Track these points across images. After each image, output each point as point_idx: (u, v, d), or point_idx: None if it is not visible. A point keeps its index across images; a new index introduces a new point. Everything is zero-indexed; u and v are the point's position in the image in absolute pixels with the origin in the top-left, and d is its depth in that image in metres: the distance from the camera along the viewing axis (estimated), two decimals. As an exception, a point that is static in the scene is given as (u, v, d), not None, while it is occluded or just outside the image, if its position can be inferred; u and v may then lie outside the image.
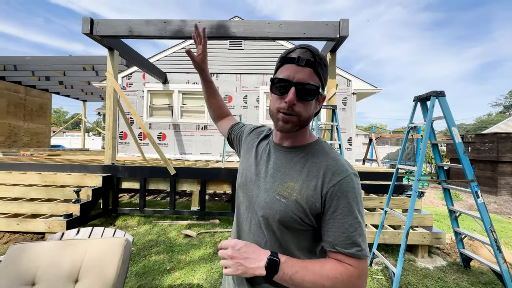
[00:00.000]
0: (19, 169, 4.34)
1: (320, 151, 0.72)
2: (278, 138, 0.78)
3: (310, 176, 0.67)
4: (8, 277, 1.13)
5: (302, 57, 0.65)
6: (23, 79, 8.46)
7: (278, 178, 0.71)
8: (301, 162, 0.71)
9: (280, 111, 0.68)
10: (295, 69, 0.65)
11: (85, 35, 3.87)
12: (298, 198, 0.66)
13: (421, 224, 3.35)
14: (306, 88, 0.65)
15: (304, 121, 0.69)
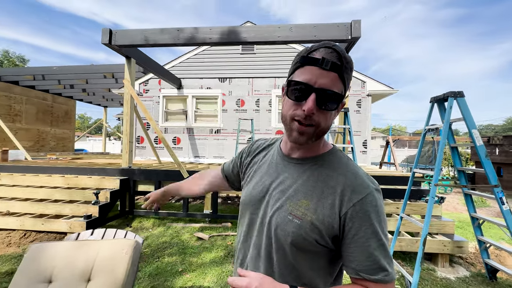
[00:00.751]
0: (45, 172, 4.63)
1: (335, 162, 0.64)
2: (288, 148, 0.70)
3: (326, 192, 0.60)
4: (28, 274, 1.21)
5: (328, 59, 0.55)
6: (50, 87, 9.05)
7: (290, 195, 0.63)
8: (314, 175, 0.63)
9: (295, 119, 0.59)
10: (318, 72, 0.55)
11: (105, 45, 4.08)
12: (314, 219, 0.59)
13: (441, 232, 3.17)
14: (329, 95, 0.56)
15: (322, 132, 0.61)
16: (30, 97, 8.99)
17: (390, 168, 10.22)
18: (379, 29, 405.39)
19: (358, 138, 6.41)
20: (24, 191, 4.17)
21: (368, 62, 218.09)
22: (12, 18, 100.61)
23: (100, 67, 7.13)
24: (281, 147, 0.74)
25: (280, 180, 0.68)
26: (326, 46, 0.56)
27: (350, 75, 0.59)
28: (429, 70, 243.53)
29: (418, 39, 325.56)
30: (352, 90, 6.38)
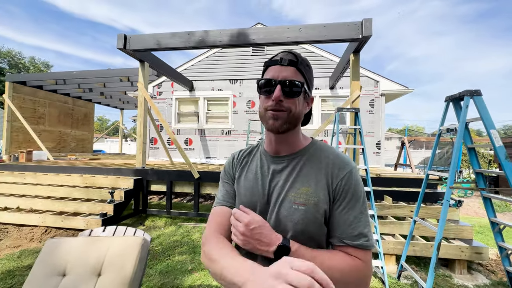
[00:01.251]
0: (65, 172, 4.87)
1: (319, 150, 0.75)
2: (273, 149, 0.77)
3: (319, 176, 0.69)
4: (45, 267, 1.28)
5: (284, 58, 0.68)
6: (71, 91, 9.52)
7: (289, 187, 0.70)
8: (306, 165, 0.72)
9: (268, 109, 0.69)
10: (279, 69, 0.68)
11: (120, 50, 4.25)
12: (316, 201, 0.67)
13: (459, 237, 3.03)
14: (291, 83, 0.67)
15: (295, 117, 0.69)
16: (52, 100, 9.49)
17: (406, 170, 9.88)
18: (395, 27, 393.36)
19: (371, 139, 6.26)
20: (46, 189, 4.41)
21: (383, 62, 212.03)
22: (37, 25, 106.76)
23: (116, 71, 7.41)
24: (267, 150, 0.80)
25: (277, 178, 0.74)
26: (284, 51, 0.71)
27: (308, 70, 0.71)
28: (447, 69, 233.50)
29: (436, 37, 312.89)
30: (364, 90, 6.24)
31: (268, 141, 0.79)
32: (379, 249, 2.68)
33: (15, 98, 7.98)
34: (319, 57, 6.68)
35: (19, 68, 30.67)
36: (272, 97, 0.68)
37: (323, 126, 4.02)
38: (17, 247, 3.27)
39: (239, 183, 0.80)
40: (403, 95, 6.55)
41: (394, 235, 3.14)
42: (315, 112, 6.59)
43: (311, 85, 0.74)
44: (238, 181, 0.81)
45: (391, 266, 2.92)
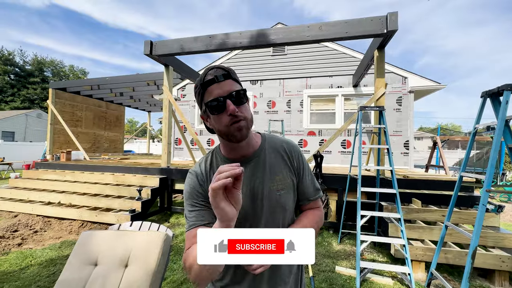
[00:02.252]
0: (98, 170, 5.27)
1: (272, 141, 0.87)
2: (238, 154, 0.81)
3: (283, 162, 0.84)
4: (80, 257, 1.41)
5: (217, 74, 0.72)
6: (104, 95, 10.26)
7: (266, 180, 0.81)
8: (269, 157, 0.83)
9: (229, 125, 0.72)
10: (218, 86, 0.72)
11: (147, 56, 4.50)
12: (290, 181, 0.84)
13: (499, 245, 2.76)
14: (237, 94, 0.73)
15: (251, 121, 0.77)
16: (88, 104, 10.31)
17: (438, 172, 9.21)
18: (426, 19, 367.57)
19: (398, 139, 5.93)
20: (82, 186, 4.81)
21: (414, 56, 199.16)
22: (75, 36, 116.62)
23: (144, 75, 7.84)
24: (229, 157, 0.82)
25: (252, 178, 0.81)
26: (210, 68, 0.74)
27: (235, 75, 0.78)
28: (488, 61, 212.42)
29: (474, 27, 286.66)
30: (390, 87, 5.93)
31: (229, 150, 0.81)
32: (406, 255, 2.54)
33: (57, 103, 8.80)
34: (341, 54, 6.49)
35: (60, 76, 33.78)
36: (226, 112, 0.71)
37: (346, 126, 3.89)
38: (58, 238, 3.61)
39: None
40: (434, 91, 6.12)
41: (424, 241, 2.95)
42: (337, 111, 6.41)
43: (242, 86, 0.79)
44: None
45: (420, 274, 2.75)
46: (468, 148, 2.44)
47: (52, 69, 33.46)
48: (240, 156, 0.82)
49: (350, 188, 3.58)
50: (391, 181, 2.83)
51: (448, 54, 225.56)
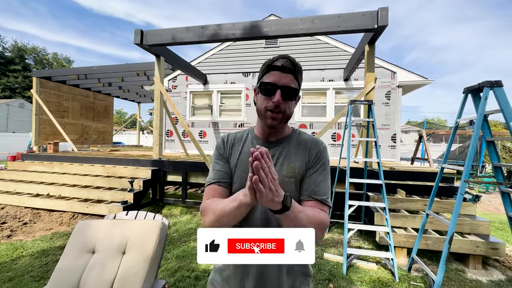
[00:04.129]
0: (88, 162, 5.20)
1: (299, 135, 0.92)
2: (265, 133, 0.89)
3: (301, 154, 0.87)
4: (77, 245, 1.44)
5: (285, 65, 0.79)
6: (91, 85, 9.96)
7: (281, 165, 0.85)
8: (291, 147, 0.88)
9: (268, 110, 0.82)
10: (280, 75, 0.80)
11: (137, 45, 4.40)
12: (297, 173, 0.84)
13: (475, 232, 2.97)
14: (289, 90, 0.80)
15: (288, 117, 0.84)
16: (75, 94, 9.99)
17: (423, 164, 9.58)
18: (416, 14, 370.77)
19: (386, 132, 6.11)
20: (72, 178, 4.74)
21: (402, 51, 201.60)
22: (59, 22, 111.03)
23: (133, 65, 7.65)
24: (258, 135, 0.92)
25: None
26: (283, 57, 0.81)
27: (301, 76, 0.84)
28: (475, 57, 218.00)
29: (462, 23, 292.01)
30: (380, 81, 6.06)
31: (260, 128, 0.91)
32: (390, 242, 2.70)
33: (41, 93, 8.49)
34: (333, 48, 6.54)
35: (43, 64, 32.27)
36: (272, 99, 0.79)
37: (336, 119, 3.99)
38: (49, 229, 3.59)
39: (235, 162, 0.89)
40: (422, 86, 6.30)
41: (406, 229, 3.12)
42: (328, 105, 6.51)
43: (300, 86, 0.86)
44: (233, 161, 0.89)
45: (402, 259, 2.93)
46: (450, 141, 2.58)
47: (35, 56, 31.89)
48: (267, 137, 0.90)
49: (339, 179, 3.71)
50: (378, 173, 2.97)
51: (436, 50, 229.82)
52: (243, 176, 0.84)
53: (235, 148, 0.92)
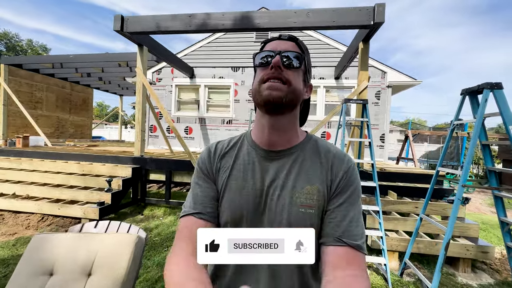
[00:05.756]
0: (61, 158, 4.77)
1: (317, 144, 0.68)
2: (266, 139, 0.64)
3: (322, 171, 0.62)
4: (30, 266, 1.18)
5: (284, 34, 0.65)
6: (68, 75, 9.27)
7: (291, 186, 0.60)
8: (307, 160, 0.64)
9: (265, 78, 0.59)
10: (279, 42, 0.63)
11: (117, 33, 4.03)
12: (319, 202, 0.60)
13: (464, 235, 2.96)
14: (291, 55, 0.60)
15: (295, 93, 0.60)
16: (50, 85, 9.27)
17: (407, 164, 9.80)
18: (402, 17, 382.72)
19: (375, 132, 6.11)
20: (42, 176, 4.32)
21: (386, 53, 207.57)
22: (36, 7, 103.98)
23: (114, 55, 7.17)
24: (256, 141, 0.67)
25: (272, 177, 0.63)
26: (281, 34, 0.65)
27: (306, 53, 0.64)
28: (454, 61, 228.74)
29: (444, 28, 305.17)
30: (370, 81, 6.03)
31: (259, 129, 0.65)
32: (383, 246, 2.61)
33: (11, 82, 7.78)
34: (325, 45, 6.43)
35: (16, 50, 30.05)
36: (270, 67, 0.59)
37: (328, 117, 3.87)
38: (13, 234, 3.21)
39: (224, 181, 0.65)
40: (410, 87, 6.35)
41: (398, 232, 3.07)
42: (318, 103, 6.41)
43: (310, 69, 0.67)
44: (222, 179, 0.66)
45: (393, 263, 2.86)
46: (446, 144, 2.52)
47: (6, 42, 29.60)
48: (268, 144, 0.64)
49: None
50: (370, 174, 2.87)
51: (418, 53, 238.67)
52: (235, 203, 0.62)
53: (225, 161, 0.67)
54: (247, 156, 0.66)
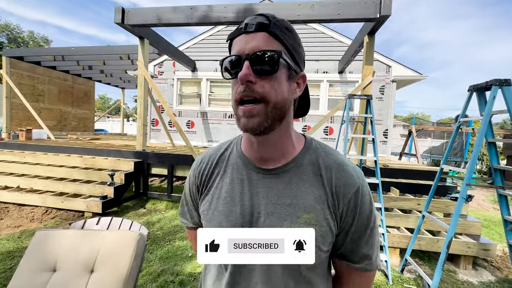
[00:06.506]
0: (64, 152, 4.79)
1: (317, 155, 0.56)
2: (256, 154, 0.56)
3: (322, 196, 0.53)
4: (33, 262, 1.20)
5: (250, 22, 0.47)
6: (70, 68, 9.24)
7: (286, 214, 0.52)
8: (304, 181, 0.54)
9: (237, 100, 0.49)
10: (245, 39, 0.48)
11: (118, 25, 3.98)
12: (323, 231, 0.51)
13: (466, 232, 2.95)
14: (265, 57, 0.46)
15: (277, 108, 0.48)
16: (52, 77, 9.25)
17: (410, 160, 9.75)
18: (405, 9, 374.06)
19: (379, 127, 6.05)
20: (45, 169, 4.35)
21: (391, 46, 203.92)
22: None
23: (116, 48, 7.11)
24: (246, 155, 0.58)
25: (263, 201, 0.54)
26: (252, 16, 0.49)
27: (288, 34, 0.49)
28: (459, 55, 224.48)
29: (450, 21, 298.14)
30: (375, 75, 5.93)
31: (247, 143, 0.57)
32: (384, 243, 2.61)
33: (13, 74, 7.77)
34: (329, 38, 6.31)
35: (18, 42, 29.90)
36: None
37: (332, 112, 3.83)
38: (18, 227, 3.26)
39: (207, 203, 0.59)
40: (415, 81, 6.25)
41: (399, 228, 3.07)
42: (322, 97, 6.34)
43: (297, 55, 0.51)
44: (206, 201, 0.60)
45: (394, 259, 2.87)
46: (451, 141, 2.48)
47: (8, 34, 29.46)
48: (259, 160, 0.56)
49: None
50: (373, 170, 2.85)
51: (423, 46, 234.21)
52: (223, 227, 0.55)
53: (212, 180, 0.60)
54: (236, 172, 0.58)
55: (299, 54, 0.52)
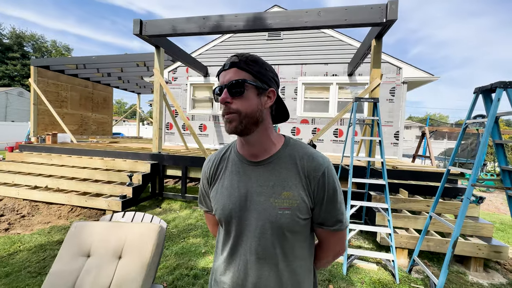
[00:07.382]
0: (87, 155, 5.13)
1: (293, 150, 0.75)
2: (246, 151, 0.77)
3: (297, 178, 0.71)
4: (72, 248, 1.39)
5: (227, 62, 0.70)
6: (90, 75, 9.79)
7: (271, 193, 0.71)
8: (284, 168, 0.73)
9: (223, 115, 0.71)
10: (224, 74, 0.70)
11: (136, 36, 4.26)
12: (298, 203, 0.70)
13: (477, 234, 2.93)
14: (234, 84, 0.67)
15: (249, 117, 0.69)
16: (74, 84, 9.83)
17: (424, 162, 9.52)
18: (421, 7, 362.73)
19: (389, 129, 6.03)
20: (70, 170, 4.69)
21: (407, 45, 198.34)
22: (59, 10, 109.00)
23: (133, 56, 7.49)
24: (240, 152, 0.79)
25: (255, 184, 0.74)
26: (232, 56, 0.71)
27: (252, 65, 0.69)
28: (479, 53, 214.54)
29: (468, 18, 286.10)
30: (385, 77, 5.93)
31: (239, 143, 0.79)
32: (391, 243, 2.66)
33: (39, 82, 8.34)
34: (338, 42, 6.37)
35: (42, 51, 31.81)
36: None
37: (340, 115, 3.91)
38: (47, 223, 3.56)
39: (216, 190, 0.80)
40: (427, 83, 6.17)
41: (408, 229, 3.09)
42: (331, 100, 6.39)
43: (264, 77, 0.70)
44: (215, 188, 0.81)
45: (402, 260, 2.90)
46: (458, 142, 2.51)
47: (33, 44, 31.40)
48: (250, 155, 0.77)
49: (341, 177, 3.66)
50: (381, 172, 2.91)
51: (440, 45, 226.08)
52: (226, 206, 0.75)
53: (218, 172, 0.82)
54: (234, 166, 0.78)
55: (266, 76, 0.71)
